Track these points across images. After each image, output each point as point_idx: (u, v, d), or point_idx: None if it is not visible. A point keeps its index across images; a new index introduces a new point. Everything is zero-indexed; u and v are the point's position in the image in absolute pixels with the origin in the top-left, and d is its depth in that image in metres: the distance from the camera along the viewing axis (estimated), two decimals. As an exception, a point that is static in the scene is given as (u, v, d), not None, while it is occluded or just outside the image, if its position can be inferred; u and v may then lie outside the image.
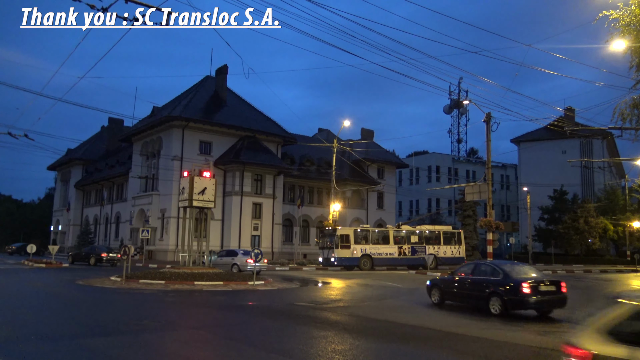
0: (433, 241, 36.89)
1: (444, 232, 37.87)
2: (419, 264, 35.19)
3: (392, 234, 35.90)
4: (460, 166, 76.86)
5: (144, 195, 44.51)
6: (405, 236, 36.18)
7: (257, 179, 43.15)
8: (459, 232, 38.79)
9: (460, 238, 38.18)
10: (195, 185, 21.91)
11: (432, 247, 36.44)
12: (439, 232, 37.75)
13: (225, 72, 47.59)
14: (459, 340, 9.57)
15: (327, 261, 34.07)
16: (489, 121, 33.30)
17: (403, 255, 35.34)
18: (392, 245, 35.20)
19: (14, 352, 7.65)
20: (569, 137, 51.56)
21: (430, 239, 36.89)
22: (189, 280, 19.76)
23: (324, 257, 34.54)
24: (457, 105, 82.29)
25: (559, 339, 9.67)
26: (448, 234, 38.12)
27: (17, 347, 8.04)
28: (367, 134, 59.37)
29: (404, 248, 35.44)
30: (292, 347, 8.56)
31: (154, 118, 44.37)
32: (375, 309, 14.36)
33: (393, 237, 35.62)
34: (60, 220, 63.57)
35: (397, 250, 35.17)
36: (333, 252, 33.42)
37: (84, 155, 61.08)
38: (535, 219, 53.64)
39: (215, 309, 13.99)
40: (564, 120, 45.16)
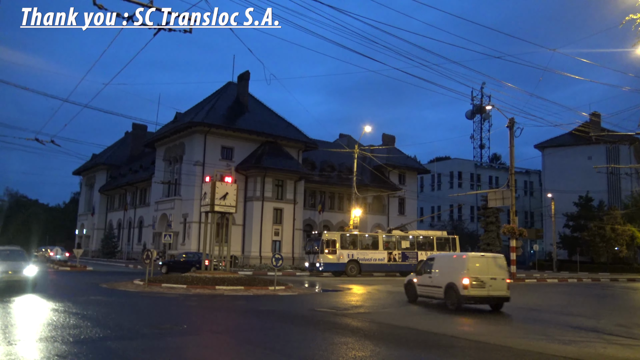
0: (426, 247, 35.61)
1: (437, 238, 36.50)
2: (410, 270, 34.35)
3: (382, 239, 34.93)
4: (482, 172, 76.09)
5: (166, 200, 45.00)
6: (396, 241, 35.10)
7: (278, 185, 43.30)
8: (453, 238, 37.10)
9: (455, 244, 36.57)
10: (217, 191, 22.04)
11: (425, 253, 34.77)
12: (433, 237, 36.48)
13: (247, 78, 47.94)
14: (480, 348, 9.42)
15: (313, 267, 32.82)
16: (512, 126, 33.05)
17: (393, 261, 34.22)
18: (381, 251, 34.11)
19: (38, 353, 7.76)
20: (595, 143, 50.75)
21: (422, 245, 35.76)
22: (210, 284, 19.86)
23: (310, 262, 33.31)
24: (480, 111, 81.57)
25: (588, 349, 9.46)
26: (442, 239, 36.65)
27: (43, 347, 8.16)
28: (388, 139, 59.18)
29: (394, 254, 34.35)
30: (313, 353, 8.53)
31: (176, 124, 44.88)
32: (396, 315, 14.24)
33: (383, 242, 34.59)
34: (85, 224, 64.65)
35: (386, 255, 34.08)
36: (318, 257, 32.20)
37: (108, 161, 62.05)
38: (560, 226, 52.76)
39: (236, 313, 14.03)
40: (590, 126, 44.39)
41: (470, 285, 14.73)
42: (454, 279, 15.14)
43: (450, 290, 15.25)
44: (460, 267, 15.28)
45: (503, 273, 15.58)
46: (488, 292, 14.99)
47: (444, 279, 15.67)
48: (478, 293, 14.89)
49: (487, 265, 15.40)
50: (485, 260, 15.65)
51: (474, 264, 15.30)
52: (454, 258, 17.46)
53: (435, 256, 17.79)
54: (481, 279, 14.91)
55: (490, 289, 14.98)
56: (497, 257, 16.06)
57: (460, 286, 14.83)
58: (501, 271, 15.56)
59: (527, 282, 32.16)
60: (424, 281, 16.87)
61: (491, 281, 14.99)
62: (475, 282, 14.81)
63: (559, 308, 17.38)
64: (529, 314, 15.24)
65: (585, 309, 17.30)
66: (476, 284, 14.80)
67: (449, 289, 15.29)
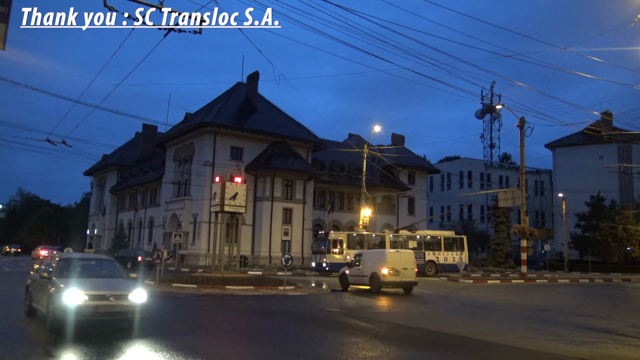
0: (433, 247, 35.56)
1: (445, 238, 36.42)
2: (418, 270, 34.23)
3: (389, 238, 34.70)
4: (493, 172, 75.69)
5: (176, 200, 45.22)
6: (404, 241, 34.89)
7: (288, 185, 43.36)
8: (461, 238, 36.95)
9: (462, 244, 36.41)
10: (227, 191, 22.12)
11: (432, 253, 35.12)
12: (440, 237, 36.37)
13: (256, 79, 48.05)
14: (491, 349, 9.38)
15: (319, 266, 32.64)
16: (522, 126, 32.85)
17: None
18: None
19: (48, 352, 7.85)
20: (607, 142, 50.28)
21: (430, 245, 35.65)
22: (220, 284, 19.93)
23: (316, 262, 33.14)
24: (490, 110, 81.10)
25: (601, 350, 9.39)
26: (450, 239, 36.53)
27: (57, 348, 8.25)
28: (397, 139, 59.05)
29: None
30: (323, 352, 8.54)
31: (186, 124, 45.09)
32: (406, 315, 14.22)
33: (390, 242, 34.31)
34: (96, 224, 65.13)
35: None
36: (324, 257, 32.07)
37: (119, 161, 62.42)
38: (571, 226, 52.35)
39: (246, 313, 14.07)
40: (601, 125, 44.02)
41: (388, 274, 19.46)
42: (377, 269, 19.84)
43: (374, 278, 19.86)
44: (381, 260, 19.88)
45: (412, 264, 20.42)
46: (401, 278, 19.79)
47: (369, 270, 20.24)
48: (394, 279, 19.66)
49: (401, 259, 20.12)
50: (399, 255, 20.59)
51: (391, 257, 19.95)
52: (377, 253, 21.87)
53: (362, 252, 22.45)
54: (396, 268, 19.63)
55: (403, 276, 19.78)
56: (408, 252, 21.69)
57: (380, 274, 19.58)
58: (411, 263, 20.36)
59: (538, 282, 31.95)
60: (354, 272, 21.21)
61: (404, 270, 19.79)
62: (392, 271, 19.52)
63: (571, 309, 17.25)
64: (540, 314, 15.15)
65: (597, 310, 17.16)
66: (392, 273, 19.54)
67: (373, 277, 19.94)
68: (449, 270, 34.92)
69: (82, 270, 10.52)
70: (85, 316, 9.05)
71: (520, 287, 27.85)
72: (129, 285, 10.05)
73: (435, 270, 34.57)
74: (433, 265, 34.72)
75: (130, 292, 9.57)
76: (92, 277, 10.31)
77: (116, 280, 10.38)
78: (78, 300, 8.93)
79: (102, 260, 11.83)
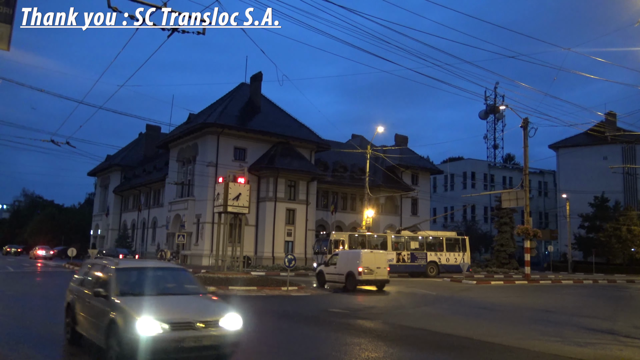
0: (435, 248, 35.44)
1: (447, 239, 36.25)
2: (419, 271, 34.16)
3: (391, 239, 34.67)
4: (496, 172, 75.53)
5: (180, 201, 45.28)
6: (405, 242, 34.88)
7: (291, 185, 43.37)
8: (463, 239, 36.68)
9: (465, 245, 36.19)
10: (230, 191, 22.20)
11: (434, 253, 34.97)
12: (442, 238, 36.24)
13: (259, 79, 48.05)
14: (494, 350, 9.37)
15: None
16: (526, 126, 32.79)
17: (402, 261, 33.89)
18: (390, 252, 33.26)
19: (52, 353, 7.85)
20: (611, 143, 50.16)
21: (432, 245, 35.52)
22: (223, 285, 19.95)
23: (318, 262, 32.29)
24: (493, 111, 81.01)
25: (605, 351, 9.37)
26: (452, 240, 36.36)
27: (56, 348, 8.26)
28: (400, 139, 58.99)
29: (402, 254, 34.06)
30: (326, 353, 8.54)
31: (189, 125, 45.14)
32: (409, 316, 14.21)
33: (392, 243, 34.30)
34: (100, 224, 65.27)
35: (395, 256, 33.52)
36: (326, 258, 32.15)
37: (123, 162, 62.57)
38: (575, 226, 52.21)
39: (248, 314, 14.07)
40: (605, 126, 43.91)
41: (363, 272, 20.90)
42: (352, 268, 21.27)
43: (350, 276, 21.33)
44: (357, 260, 21.20)
45: (385, 264, 21.84)
46: (375, 277, 21.25)
47: (345, 268, 21.69)
48: (368, 277, 21.08)
49: (375, 259, 21.61)
50: (373, 255, 22.07)
51: (366, 257, 21.39)
52: (352, 253, 22.99)
53: (338, 253, 24.05)
54: (370, 267, 21.10)
55: (376, 274, 21.25)
56: (381, 253, 23.08)
57: (356, 272, 20.96)
58: (384, 263, 21.79)
59: (541, 283, 31.87)
60: (330, 270, 22.78)
61: (377, 269, 21.26)
62: (367, 270, 20.97)
63: (574, 310, 17.21)
64: (544, 315, 15.12)
65: (601, 311, 17.11)
66: (367, 271, 20.99)
67: (349, 275, 21.38)
68: (451, 271, 34.85)
69: (149, 286, 7.81)
70: (166, 353, 6.56)
71: (524, 288, 27.78)
72: (217, 306, 7.57)
73: (438, 271, 34.52)
74: (435, 266, 34.65)
75: (221, 316, 7.18)
76: (164, 294, 7.70)
77: (198, 300, 7.81)
78: (154, 330, 6.46)
79: (173, 270, 9.10)
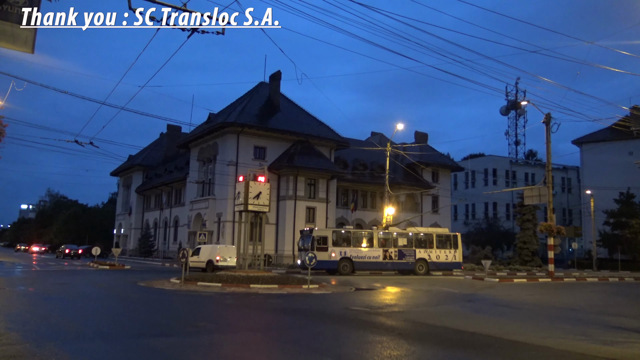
0: (425, 244, 34.39)
1: (437, 235, 35.15)
2: (407, 268, 33.29)
3: (377, 235, 33.76)
4: (518, 169, 74.61)
5: (200, 200, 45.68)
6: (393, 239, 34.02)
7: (311, 183, 43.43)
8: (455, 235, 35.81)
9: (456, 242, 35.24)
10: (251, 190, 22.25)
11: (424, 250, 33.92)
12: (433, 234, 35.19)
13: (278, 78, 48.22)
14: (518, 348, 9.24)
15: (304, 264, 32.21)
16: (548, 122, 32.31)
17: (389, 259, 33.07)
18: (376, 248, 32.90)
19: (79, 349, 7.99)
20: (636, 138, 49.12)
21: (422, 242, 34.51)
22: (245, 283, 20.06)
23: (302, 259, 31.70)
24: (515, 107, 79.99)
25: (632, 350, 9.17)
26: (443, 237, 35.35)
27: (82, 344, 8.40)
28: (420, 137, 58.63)
29: (390, 251, 33.18)
30: (347, 351, 8.52)
31: (210, 124, 45.50)
32: (431, 314, 14.10)
33: (378, 240, 33.44)
34: (123, 224, 66.22)
35: (382, 253, 32.90)
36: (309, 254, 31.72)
37: (144, 162, 63.37)
38: (600, 223, 51.32)
39: (270, 311, 14.13)
40: (631, 120, 43.05)
41: (220, 260, 30.76)
42: (212, 257, 31.31)
43: (209, 263, 31.03)
44: (214, 251, 31.72)
45: (234, 254, 28.79)
46: (227, 263, 30.23)
47: (207, 257, 31.54)
48: (223, 264, 30.25)
49: (227, 250, 31.78)
50: (226, 248, 32.27)
51: (221, 249, 31.88)
52: (211, 247, 33.08)
53: (200, 247, 33.34)
54: (224, 257, 31.10)
55: (228, 262, 30.26)
56: (232, 247, 31.64)
57: (214, 260, 30.91)
58: (234, 254, 28.95)
59: (565, 281, 31.40)
60: (194, 259, 29.85)
61: (229, 258, 30.67)
62: (222, 259, 30.96)
63: (600, 308, 16.89)
64: (569, 313, 14.87)
65: (627, 309, 16.77)
66: (222, 259, 30.89)
67: (209, 262, 31.11)
68: (442, 269, 34.30)
69: None
70: None
71: (548, 285, 27.40)
72: None
73: (427, 269, 33.68)
74: (424, 263, 33.72)
75: None
76: None
77: None
78: None
79: None
